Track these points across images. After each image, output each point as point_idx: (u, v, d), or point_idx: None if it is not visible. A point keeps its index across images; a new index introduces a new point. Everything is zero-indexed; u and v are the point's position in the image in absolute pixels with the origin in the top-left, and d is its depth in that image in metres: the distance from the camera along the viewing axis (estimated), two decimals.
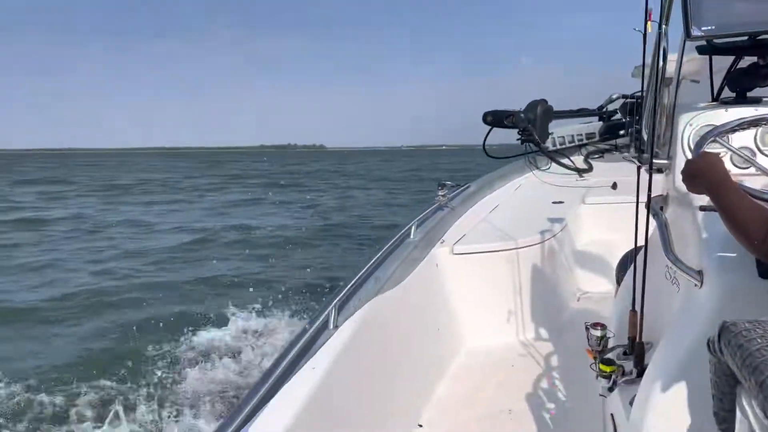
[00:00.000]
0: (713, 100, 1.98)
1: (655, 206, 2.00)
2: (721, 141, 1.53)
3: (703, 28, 1.67)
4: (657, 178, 2.15)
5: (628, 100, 5.79)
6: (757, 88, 1.89)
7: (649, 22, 1.84)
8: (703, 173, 1.31)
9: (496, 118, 3.43)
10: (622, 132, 5.72)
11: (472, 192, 4.18)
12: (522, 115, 4.95)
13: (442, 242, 3.17)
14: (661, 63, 1.88)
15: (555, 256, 3.43)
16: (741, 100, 1.89)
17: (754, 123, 1.56)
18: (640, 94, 5.88)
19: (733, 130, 1.56)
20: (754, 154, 1.78)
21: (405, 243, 3.02)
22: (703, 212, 1.46)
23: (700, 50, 1.85)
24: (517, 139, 5.06)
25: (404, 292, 2.54)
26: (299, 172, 45.04)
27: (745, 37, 1.77)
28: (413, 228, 3.17)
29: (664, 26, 1.90)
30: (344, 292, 2.29)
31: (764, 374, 0.96)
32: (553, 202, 4.08)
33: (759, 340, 1.02)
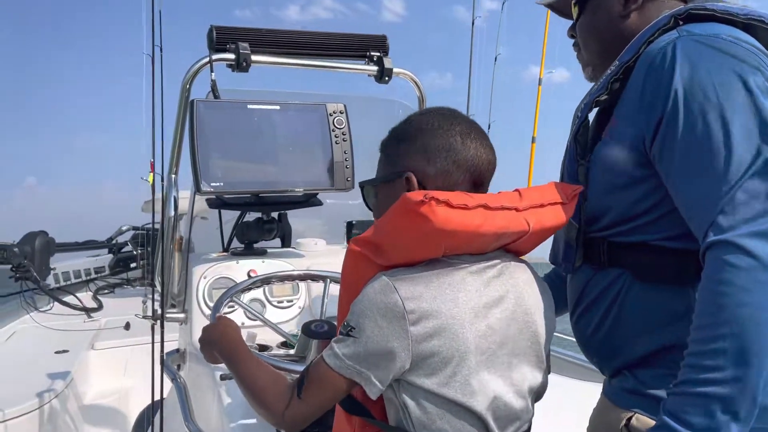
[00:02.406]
0: (224, 251, 2.02)
1: (170, 365, 1.86)
2: (236, 300, 1.51)
3: (212, 184, 1.68)
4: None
5: (139, 232, 5.71)
6: (263, 241, 2.01)
7: (151, 174, 1.78)
8: (218, 340, 1.23)
9: None
10: (133, 265, 5.54)
11: None
12: (16, 249, 4.26)
13: None
14: (172, 212, 1.82)
15: (58, 420, 2.89)
16: (249, 251, 1.97)
17: (266, 281, 1.61)
18: (150, 226, 5.83)
19: (249, 288, 1.57)
20: (264, 306, 1.85)
21: None
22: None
23: (210, 204, 1.86)
24: (11, 276, 4.29)
25: None
26: None
27: (249, 195, 1.87)
28: None
29: (173, 176, 1.87)
30: None
31: None
32: (56, 352, 3.51)
33: None
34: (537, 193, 1.05)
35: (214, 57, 1.82)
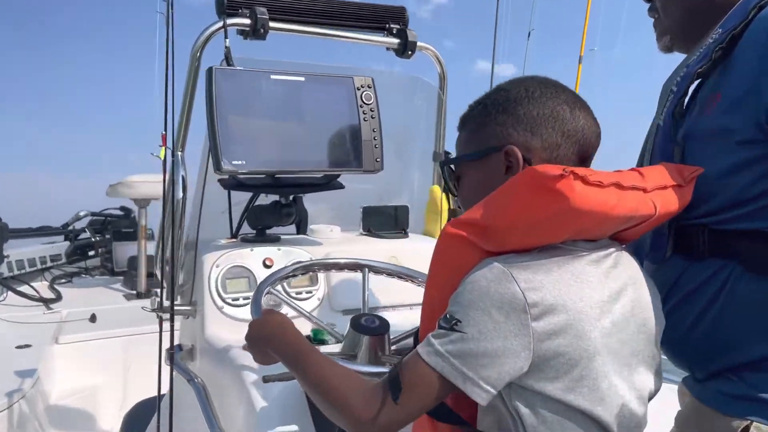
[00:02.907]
0: (232, 237, 1.84)
1: (182, 363, 1.68)
2: (273, 291, 1.35)
3: (234, 162, 1.51)
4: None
5: (97, 217, 5.38)
6: (278, 227, 1.85)
7: (162, 148, 1.59)
8: (274, 337, 1.07)
9: None
10: (92, 253, 5.22)
11: None
12: None
13: None
14: (180, 193, 1.62)
15: (26, 423, 2.64)
16: (261, 238, 1.80)
17: (308, 268, 1.45)
18: (109, 211, 5.51)
19: (288, 276, 1.41)
20: (288, 293, 1.69)
21: None
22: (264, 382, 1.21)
23: (225, 185, 1.68)
24: None
25: None
26: None
27: (264, 176, 1.70)
28: None
29: (180, 153, 1.67)
30: None
31: None
32: (18, 347, 3.22)
33: None
34: (657, 173, 0.93)
35: (230, 21, 1.63)
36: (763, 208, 0.96)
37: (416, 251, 1.89)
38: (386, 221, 2.01)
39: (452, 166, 1.03)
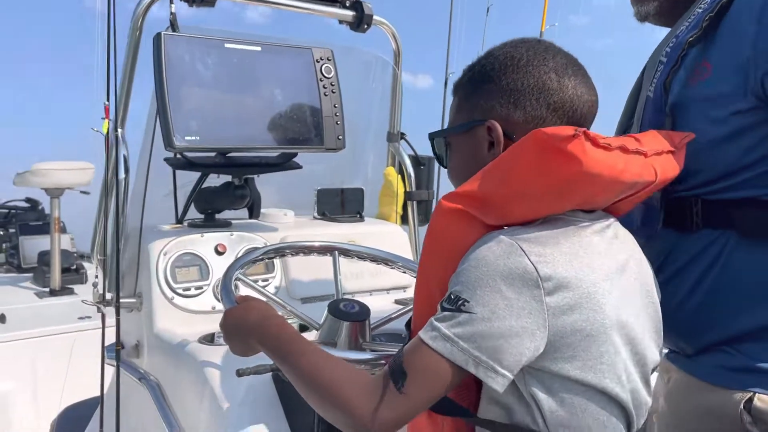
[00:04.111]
0: (177, 222, 1.69)
1: (129, 360, 1.52)
2: (241, 276, 1.23)
3: (186, 138, 1.37)
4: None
5: (0, 209, 4.94)
6: (229, 210, 1.71)
7: (105, 121, 1.43)
8: (259, 326, 0.96)
9: None
10: None
11: None
12: None
13: None
14: (122, 174, 1.46)
15: None
16: (211, 222, 1.66)
17: (280, 252, 1.33)
18: (14, 203, 5.10)
19: (257, 260, 1.29)
20: (237, 287, 1.57)
21: None
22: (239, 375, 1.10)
23: (172, 164, 1.54)
24: None
25: None
26: None
27: (213, 153, 1.57)
28: None
29: (121, 130, 1.51)
30: None
31: None
32: None
33: None
34: (652, 138, 0.90)
35: None
36: (758, 176, 0.95)
37: (374, 235, 1.81)
38: (341, 204, 1.92)
39: (444, 138, 0.96)
